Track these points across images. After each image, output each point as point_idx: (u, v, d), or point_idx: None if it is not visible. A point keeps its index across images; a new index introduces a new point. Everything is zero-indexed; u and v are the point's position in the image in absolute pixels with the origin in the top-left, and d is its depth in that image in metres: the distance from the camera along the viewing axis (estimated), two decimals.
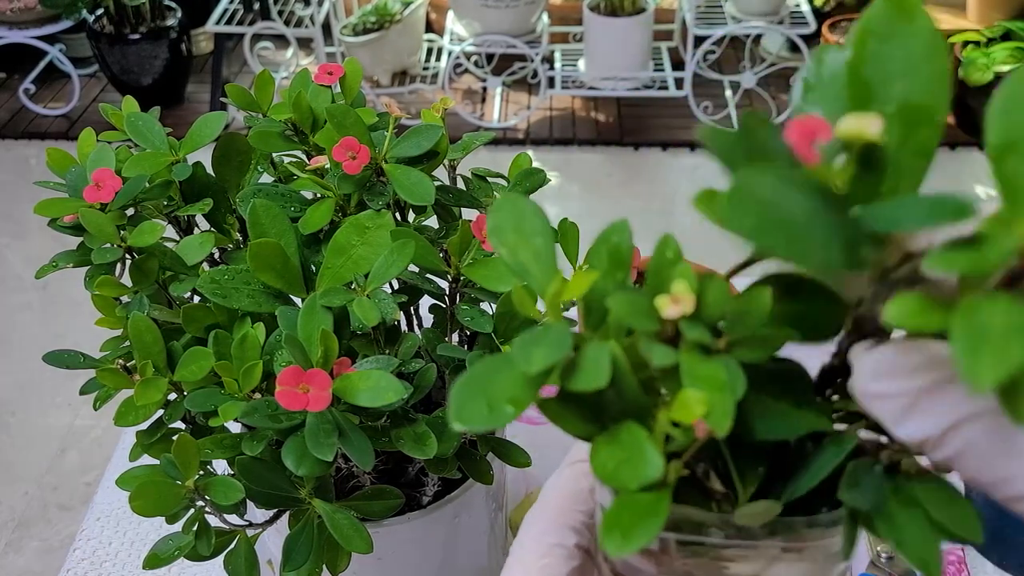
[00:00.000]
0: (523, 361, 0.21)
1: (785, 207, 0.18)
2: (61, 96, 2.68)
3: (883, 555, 0.62)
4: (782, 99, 2.50)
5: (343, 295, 0.39)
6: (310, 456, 0.36)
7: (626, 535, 0.22)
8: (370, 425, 0.40)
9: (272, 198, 0.44)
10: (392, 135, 0.44)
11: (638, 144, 2.43)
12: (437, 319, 0.47)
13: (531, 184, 0.48)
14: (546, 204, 2.26)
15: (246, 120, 0.48)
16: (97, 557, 0.68)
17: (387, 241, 0.40)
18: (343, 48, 2.39)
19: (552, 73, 2.44)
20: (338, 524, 0.40)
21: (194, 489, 0.40)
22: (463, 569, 0.54)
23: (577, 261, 0.47)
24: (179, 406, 0.42)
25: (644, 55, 2.40)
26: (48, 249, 0.47)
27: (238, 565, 0.43)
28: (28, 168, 2.46)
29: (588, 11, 2.35)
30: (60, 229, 0.43)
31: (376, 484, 0.46)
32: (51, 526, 1.56)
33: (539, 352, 0.21)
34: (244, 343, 0.40)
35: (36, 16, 2.48)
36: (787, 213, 0.18)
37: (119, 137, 0.47)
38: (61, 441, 1.70)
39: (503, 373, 0.21)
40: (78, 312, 1.96)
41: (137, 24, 2.45)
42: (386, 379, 0.36)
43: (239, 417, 0.37)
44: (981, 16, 2.44)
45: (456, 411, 0.21)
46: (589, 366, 0.21)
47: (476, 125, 2.43)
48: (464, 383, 0.21)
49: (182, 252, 0.44)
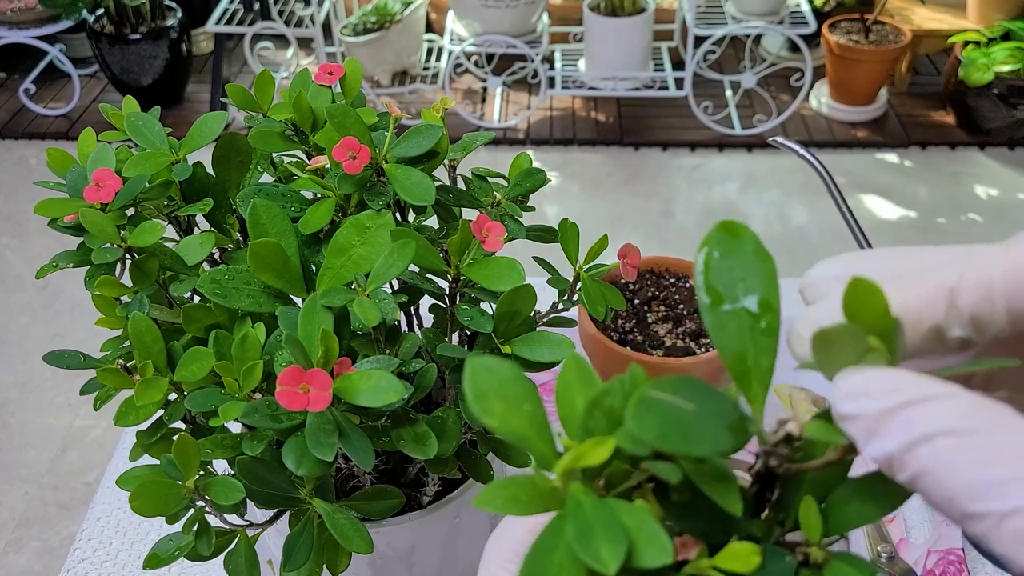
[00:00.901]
0: (592, 559, 0.21)
1: (680, 410, 0.22)
2: (61, 96, 2.68)
3: (883, 555, 0.62)
4: (782, 99, 2.50)
5: (343, 295, 0.39)
6: (310, 456, 0.36)
7: None
8: (370, 425, 0.40)
9: (272, 198, 0.44)
10: (392, 135, 0.44)
11: (638, 144, 2.43)
12: (437, 319, 0.47)
13: (531, 184, 0.48)
14: (546, 204, 2.26)
15: (246, 120, 0.48)
16: (97, 557, 0.68)
17: (387, 241, 0.40)
18: (343, 48, 2.39)
19: (552, 73, 2.44)
20: (338, 524, 0.40)
21: (194, 489, 0.40)
22: (463, 569, 0.54)
23: (577, 261, 0.47)
24: (179, 406, 0.42)
25: (644, 55, 2.40)
26: (48, 249, 0.47)
27: (238, 565, 0.43)
28: (28, 168, 2.46)
29: (588, 11, 2.35)
30: (60, 229, 0.43)
31: (376, 484, 0.46)
32: (51, 526, 1.56)
33: (605, 547, 0.21)
34: (244, 343, 0.40)
35: (36, 16, 2.48)
36: (682, 414, 0.22)
37: (119, 137, 0.47)
38: (61, 441, 1.70)
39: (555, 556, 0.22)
40: (78, 312, 1.96)
41: (137, 24, 2.45)
42: (386, 379, 0.36)
43: (239, 417, 0.37)
44: (981, 16, 2.44)
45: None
46: (647, 542, 0.22)
47: (476, 125, 2.43)
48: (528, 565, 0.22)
49: (182, 252, 0.44)
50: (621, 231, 2.13)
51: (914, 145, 2.38)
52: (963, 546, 0.63)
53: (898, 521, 0.66)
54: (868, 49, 2.31)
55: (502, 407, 0.24)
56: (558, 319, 0.48)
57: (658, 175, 2.34)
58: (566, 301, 0.47)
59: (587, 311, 0.46)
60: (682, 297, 0.74)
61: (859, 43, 2.33)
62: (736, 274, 0.26)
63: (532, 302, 0.43)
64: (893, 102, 2.51)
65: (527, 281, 0.41)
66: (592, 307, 0.45)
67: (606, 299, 0.46)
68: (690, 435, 0.22)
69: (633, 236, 2.10)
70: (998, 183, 2.26)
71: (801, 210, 2.17)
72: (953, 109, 2.41)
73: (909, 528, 0.66)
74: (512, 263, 0.42)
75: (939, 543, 0.63)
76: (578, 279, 0.47)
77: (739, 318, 0.26)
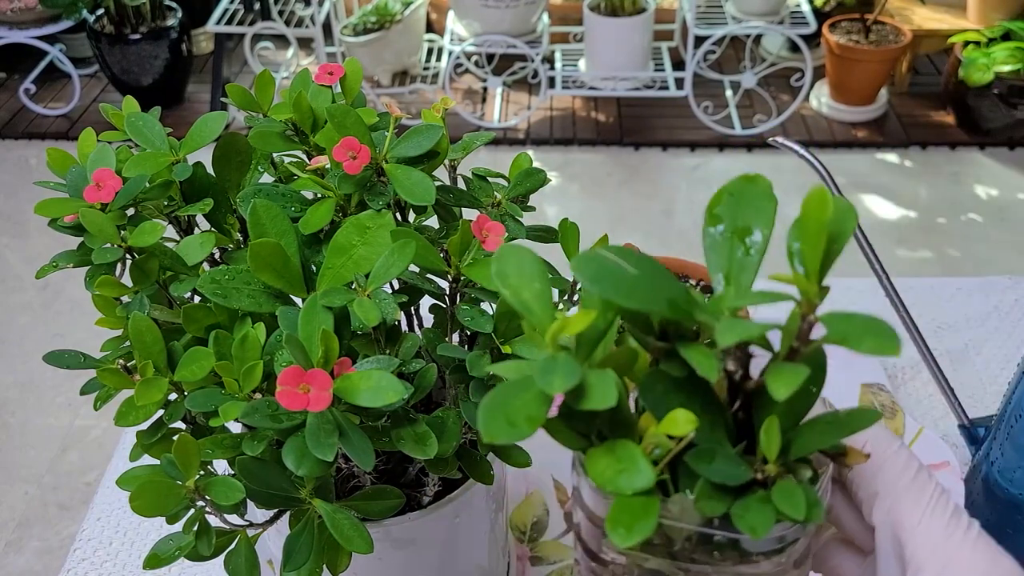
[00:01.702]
0: (546, 385, 0.25)
1: (620, 267, 0.27)
2: (61, 96, 2.68)
3: None
4: (782, 99, 2.50)
5: (343, 295, 0.39)
6: (310, 456, 0.36)
7: (629, 530, 0.26)
8: (370, 425, 0.40)
9: (272, 198, 0.44)
10: (392, 135, 0.44)
11: (638, 144, 2.43)
12: (437, 319, 0.46)
13: (531, 184, 0.48)
14: (546, 204, 2.26)
15: (246, 120, 0.48)
16: (97, 557, 0.68)
17: (387, 241, 0.40)
18: (343, 48, 2.39)
19: (552, 73, 2.44)
20: (338, 524, 0.40)
21: (194, 489, 0.40)
22: (463, 569, 0.54)
23: None
24: (179, 406, 0.42)
25: (644, 55, 2.40)
26: (48, 249, 0.47)
27: (238, 565, 0.43)
28: (28, 168, 2.46)
29: (588, 11, 2.35)
30: (60, 229, 0.43)
31: (376, 484, 0.46)
32: (51, 526, 1.56)
33: (557, 378, 0.25)
34: (244, 343, 0.39)
35: (36, 16, 2.48)
36: (621, 271, 0.26)
37: (119, 137, 0.47)
38: (61, 441, 1.70)
39: (521, 395, 0.26)
40: (78, 312, 1.96)
41: (137, 24, 2.45)
42: (386, 379, 0.36)
43: (239, 417, 0.37)
44: (981, 16, 2.44)
45: (484, 428, 0.25)
46: (597, 389, 0.26)
47: (476, 125, 2.43)
48: (488, 404, 0.26)
49: (182, 252, 0.44)
50: (621, 231, 2.13)
51: (914, 145, 2.38)
52: None
53: None
54: (868, 49, 2.31)
55: (517, 282, 0.28)
56: None
57: (658, 175, 2.34)
58: (566, 301, 0.47)
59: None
60: None
61: (859, 43, 2.33)
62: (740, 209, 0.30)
63: None
64: (893, 102, 2.51)
65: None
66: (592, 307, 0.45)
67: None
68: (622, 288, 0.26)
69: (633, 236, 2.10)
70: (998, 183, 2.26)
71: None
72: (953, 109, 2.41)
73: None
74: None
75: None
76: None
77: (730, 242, 0.30)
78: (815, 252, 0.27)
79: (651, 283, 0.27)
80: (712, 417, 0.30)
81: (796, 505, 0.28)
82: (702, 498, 0.28)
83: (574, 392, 0.26)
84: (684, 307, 0.27)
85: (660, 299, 0.27)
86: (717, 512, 0.28)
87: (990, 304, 0.85)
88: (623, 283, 0.26)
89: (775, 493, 0.28)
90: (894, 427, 0.72)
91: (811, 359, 0.29)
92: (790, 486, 0.28)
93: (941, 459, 0.69)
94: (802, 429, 0.30)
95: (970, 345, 0.81)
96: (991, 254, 2.04)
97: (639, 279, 0.26)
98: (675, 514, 0.29)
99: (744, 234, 0.30)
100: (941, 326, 0.83)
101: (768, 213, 0.30)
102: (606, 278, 0.26)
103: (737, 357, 0.29)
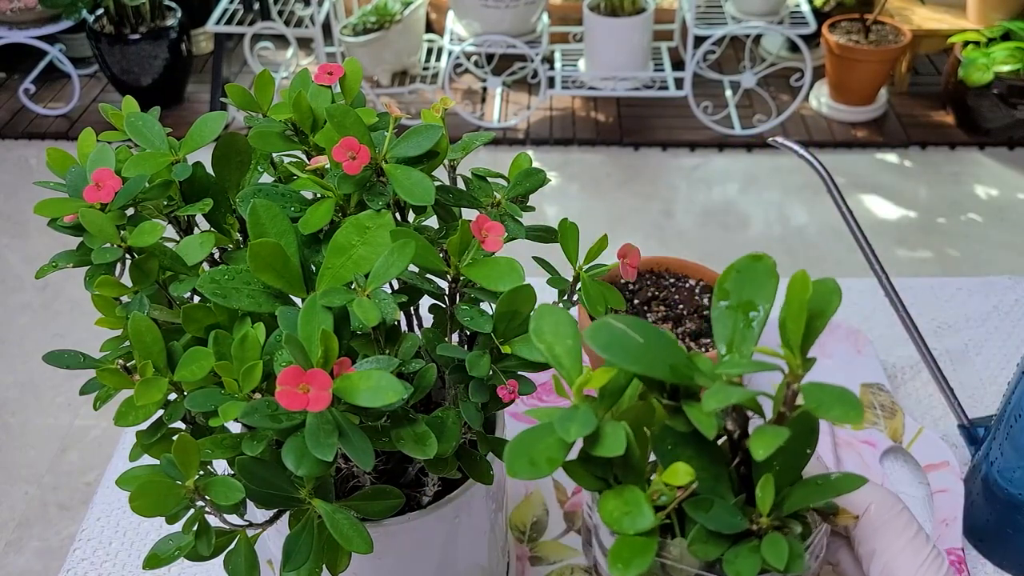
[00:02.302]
0: (563, 432, 0.28)
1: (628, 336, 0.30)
2: (61, 96, 2.68)
3: None
4: (782, 99, 2.50)
5: (343, 295, 0.39)
6: (310, 456, 0.36)
7: (627, 565, 0.30)
8: (370, 425, 0.40)
9: (272, 198, 0.44)
10: (392, 135, 0.44)
11: (638, 144, 2.43)
12: (437, 319, 0.46)
13: (531, 184, 0.48)
14: (546, 204, 2.25)
15: (246, 120, 0.48)
16: (97, 557, 0.68)
17: (387, 241, 0.40)
18: (343, 48, 2.39)
19: (552, 73, 2.44)
20: (338, 524, 0.40)
21: (194, 489, 0.40)
22: (463, 569, 0.54)
23: (577, 261, 0.47)
24: (179, 406, 0.42)
25: (644, 55, 2.40)
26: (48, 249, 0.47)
27: (238, 565, 0.43)
28: (28, 168, 2.46)
29: (588, 11, 2.35)
30: (60, 229, 0.43)
31: (376, 484, 0.46)
32: (51, 526, 1.56)
33: (575, 427, 0.29)
34: (244, 343, 0.39)
35: (36, 16, 2.48)
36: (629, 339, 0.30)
37: (119, 137, 0.47)
38: (61, 441, 1.70)
39: (544, 440, 0.29)
40: (78, 312, 1.96)
41: (137, 24, 2.45)
42: (386, 379, 0.36)
43: (239, 417, 0.37)
44: (981, 16, 2.44)
45: (509, 466, 0.28)
46: (609, 438, 0.29)
47: (476, 125, 2.43)
48: (514, 445, 0.29)
49: (182, 252, 0.44)
50: (621, 231, 2.13)
51: (914, 145, 2.38)
52: (963, 546, 0.63)
53: None
54: (868, 49, 2.31)
55: (552, 338, 0.32)
56: None
57: (658, 175, 2.34)
58: (566, 301, 0.47)
59: (587, 311, 0.46)
60: (682, 297, 0.74)
61: (859, 43, 2.33)
62: (745, 285, 0.33)
63: (532, 302, 0.43)
64: (893, 102, 2.51)
65: (527, 281, 0.41)
66: (592, 307, 0.45)
67: (606, 299, 0.46)
68: (629, 355, 0.29)
69: (633, 236, 2.10)
70: (998, 183, 2.26)
71: (801, 210, 2.17)
72: (953, 109, 2.41)
73: None
74: (512, 263, 0.42)
75: (939, 543, 0.63)
76: (578, 279, 0.47)
77: (735, 315, 0.33)
78: (798, 329, 0.30)
79: (655, 350, 0.30)
80: (716, 470, 0.33)
81: (779, 556, 0.31)
82: (696, 542, 0.32)
83: (590, 439, 0.29)
84: (685, 372, 0.30)
85: (663, 365, 0.30)
86: (708, 556, 0.32)
87: (990, 304, 0.85)
88: (630, 350, 0.29)
89: (764, 544, 0.31)
90: (894, 427, 0.72)
91: (801, 423, 0.32)
92: (778, 539, 0.31)
93: (941, 459, 0.69)
94: (795, 487, 0.33)
95: (970, 345, 0.81)
96: (991, 254, 2.04)
97: (644, 347, 0.30)
98: (675, 556, 0.33)
99: (748, 308, 0.33)
100: (941, 326, 0.83)
101: (769, 290, 0.33)
102: (616, 346, 0.29)
103: (735, 418, 0.33)
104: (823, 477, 0.33)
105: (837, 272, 1.95)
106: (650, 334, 0.30)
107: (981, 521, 0.64)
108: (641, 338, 0.30)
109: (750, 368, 0.30)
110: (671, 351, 0.30)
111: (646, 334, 0.30)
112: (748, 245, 2.06)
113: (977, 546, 0.64)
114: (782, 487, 0.32)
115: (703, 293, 0.74)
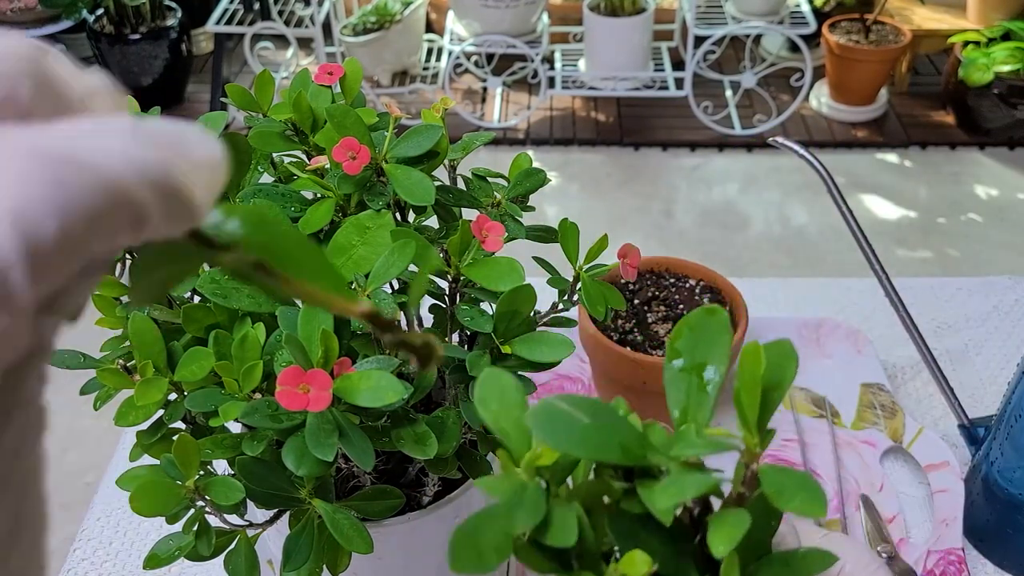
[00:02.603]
0: (507, 523, 0.27)
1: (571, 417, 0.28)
2: None
3: (883, 555, 0.62)
4: (782, 99, 2.50)
5: None
6: (310, 456, 0.36)
7: None
8: (370, 425, 0.40)
9: (272, 198, 0.44)
10: (392, 135, 0.44)
11: (638, 144, 2.43)
12: (437, 319, 0.47)
13: (531, 184, 0.48)
14: (546, 204, 2.25)
15: (246, 120, 0.48)
16: (97, 557, 0.68)
17: (387, 241, 0.40)
18: (343, 48, 2.39)
19: (552, 73, 2.44)
20: (338, 524, 0.40)
21: (194, 489, 0.40)
22: None
23: (577, 261, 0.47)
24: (179, 406, 0.42)
25: (644, 55, 2.40)
26: None
27: (238, 565, 0.43)
28: None
29: (588, 11, 2.35)
30: None
31: (376, 484, 0.46)
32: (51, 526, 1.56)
33: (520, 516, 0.27)
34: (244, 343, 0.40)
35: (36, 16, 2.48)
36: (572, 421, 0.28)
37: None
38: (61, 441, 1.70)
39: (490, 529, 0.27)
40: None
41: (137, 24, 2.45)
42: (386, 379, 0.36)
43: (239, 417, 0.37)
44: (981, 16, 2.44)
45: (452, 559, 0.26)
46: (558, 527, 0.27)
47: (476, 125, 2.43)
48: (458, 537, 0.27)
49: None
50: (621, 231, 2.13)
51: (914, 145, 2.38)
52: (963, 546, 0.63)
53: (898, 521, 0.66)
54: (868, 49, 2.31)
55: (498, 408, 0.29)
56: (558, 319, 0.48)
57: (658, 175, 2.34)
58: (566, 301, 0.47)
59: (587, 311, 0.46)
60: (682, 297, 0.74)
61: (859, 43, 2.33)
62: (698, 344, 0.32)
63: (532, 302, 0.43)
64: (893, 102, 2.51)
65: (527, 281, 0.41)
66: (592, 307, 0.45)
67: (606, 299, 0.46)
68: (574, 438, 0.27)
69: (633, 236, 2.10)
70: (998, 183, 2.26)
71: (801, 210, 2.17)
72: (953, 109, 2.41)
73: (909, 528, 0.66)
74: (512, 263, 0.42)
75: (939, 543, 0.63)
76: (578, 279, 0.47)
77: (688, 377, 0.31)
78: (753, 404, 0.29)
79: (604, 431, 0.28)
80: (680, 546, 0.31)
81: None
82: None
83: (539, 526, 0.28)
84: (637, 452, 0.29)
85: (612, 446, 0.28)
86: None
87: (990, 304, 0.85)
88: (575, 433, 0.28)
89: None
90: (894, 427, 0.72)
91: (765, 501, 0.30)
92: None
93: (941, 459, 0.69)
94: (761, 565, 0.32)
95: (970, 345, 0.81)
96: (991, 254, 2.04)
97: (590, 428, 0.28)
98: None
99: (700, 370, 0.31)
100: (941, 326, 0.83)
101: (723, 348, 0.31)
102: (557, 429, 0.27)
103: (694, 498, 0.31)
104: (789, 555, 0.32)
105: (837, 272, 1.95)
106: (599, 412, 0.29)
107: (981, 521, 0.64)
108: (588, 418, 0.28)
109: (707, 449, 0.29)
110: (621, 430, 0.29)
111: (594, 413, 0.28)
112: (748, 245, 2.06)
113: (977, 546, 0.64)
114: (748, 563, 0.31)
115: (703, 293, 0.74)
